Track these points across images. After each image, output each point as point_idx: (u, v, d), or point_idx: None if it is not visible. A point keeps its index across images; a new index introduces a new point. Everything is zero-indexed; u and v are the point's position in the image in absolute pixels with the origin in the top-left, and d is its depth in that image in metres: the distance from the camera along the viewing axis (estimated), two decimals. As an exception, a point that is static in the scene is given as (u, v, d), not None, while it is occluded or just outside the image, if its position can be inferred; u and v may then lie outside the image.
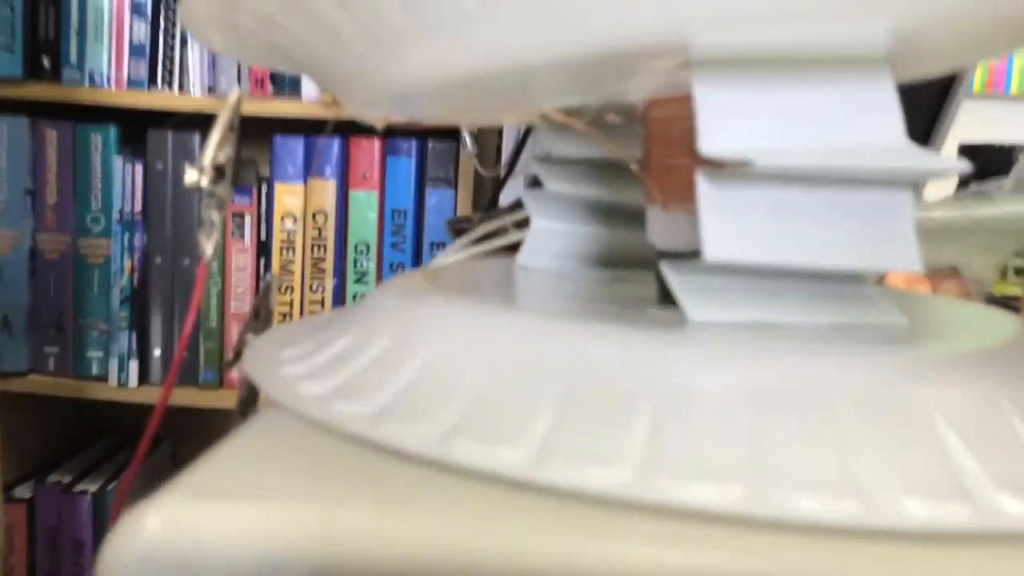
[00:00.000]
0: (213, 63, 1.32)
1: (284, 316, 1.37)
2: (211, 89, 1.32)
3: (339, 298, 1.37)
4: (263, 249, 1.38)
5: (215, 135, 0.31)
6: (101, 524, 1.46)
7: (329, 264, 1.37)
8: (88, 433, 1.62)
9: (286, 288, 1.37)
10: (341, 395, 0.23)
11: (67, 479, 1.47)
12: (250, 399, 0.32)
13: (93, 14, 1.31)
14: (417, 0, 0.22)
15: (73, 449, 1.57)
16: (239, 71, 1.31)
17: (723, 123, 0.22)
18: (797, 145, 0.23)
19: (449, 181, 1.34)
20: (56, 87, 1.32)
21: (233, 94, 0.33)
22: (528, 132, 0.89)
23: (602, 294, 0.31)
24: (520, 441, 0.20)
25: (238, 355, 0.35)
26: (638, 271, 0.34)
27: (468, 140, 1.10)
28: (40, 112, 1.34)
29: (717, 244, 0.22)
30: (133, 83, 1.33)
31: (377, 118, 0.31)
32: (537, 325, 0.23)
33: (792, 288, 0.24)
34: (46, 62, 1.32)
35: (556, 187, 0.34)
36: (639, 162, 0.29)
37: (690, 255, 0.29)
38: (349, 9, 0.24)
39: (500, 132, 1.31)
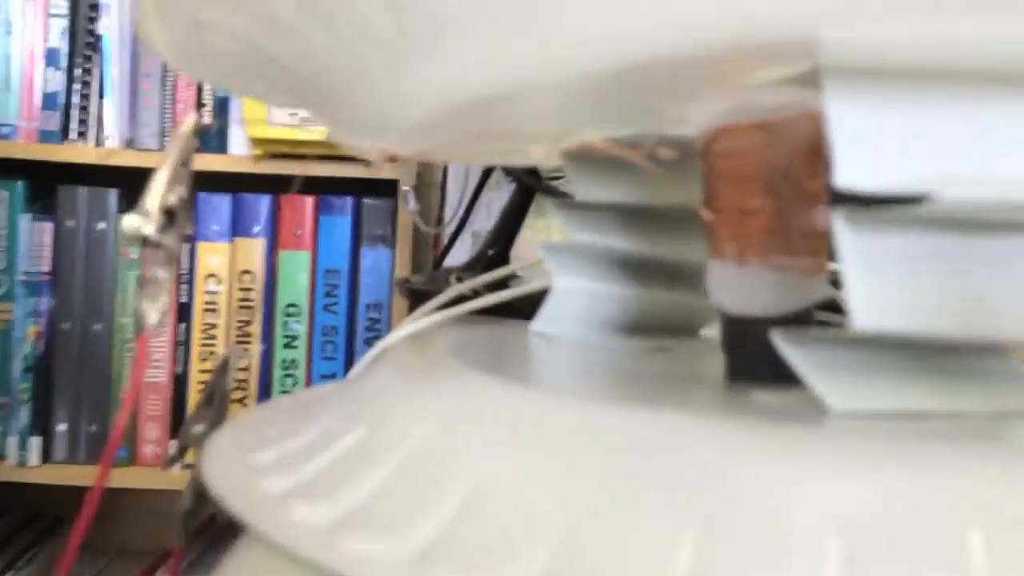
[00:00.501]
0: (133, 114, 1.24)
1: (206, 385, 1.27)
2: (130, 142, 1.24)
3: (266, 365, 1.28)
4: (184, 312, 1.28)
5: (164, 171, 0.25)
6: (-6, 619, 1.31)
7: (256, 328, 1.28)
8: (-18, 517, 1.47)
9: (209, 354, 1.27)
10: (353, 524, 0.17)
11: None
12: (197, 510, 0.25)
13: (2, 62, 1.22)
14: (406, 9, 0.17)
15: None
16: (162, 121, 1.23)
17: (866, 149, 0.17)
18: (953, 178, 0.17)
19: (387, 240, 1.27)
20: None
21: (188, 121, 0.26)
22: (480, 186, 0.84)
23: (647, 368, 0.25)
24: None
25: (183, 451, 0.27)
26: (679, 339, 0.29)
27: (410, 196, 1.04)
28: (-63, 166, 1.23)
29: (869, 310, 0.17)
30: (44, 135, 1.23)
31: (373, 150, 0.25)
32: (583, 408, 0.18)
33: (940, 365, 0.19)
34: (-54, 111, 1.22)
35: (583, 238, 0.28)
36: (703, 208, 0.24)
37: (791, 321, 0.23)
38: (322, 17, 0.18)
39: (443, 187, 1.25)
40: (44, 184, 1.28)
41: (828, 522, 0.14)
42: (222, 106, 1.24)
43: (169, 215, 0.25)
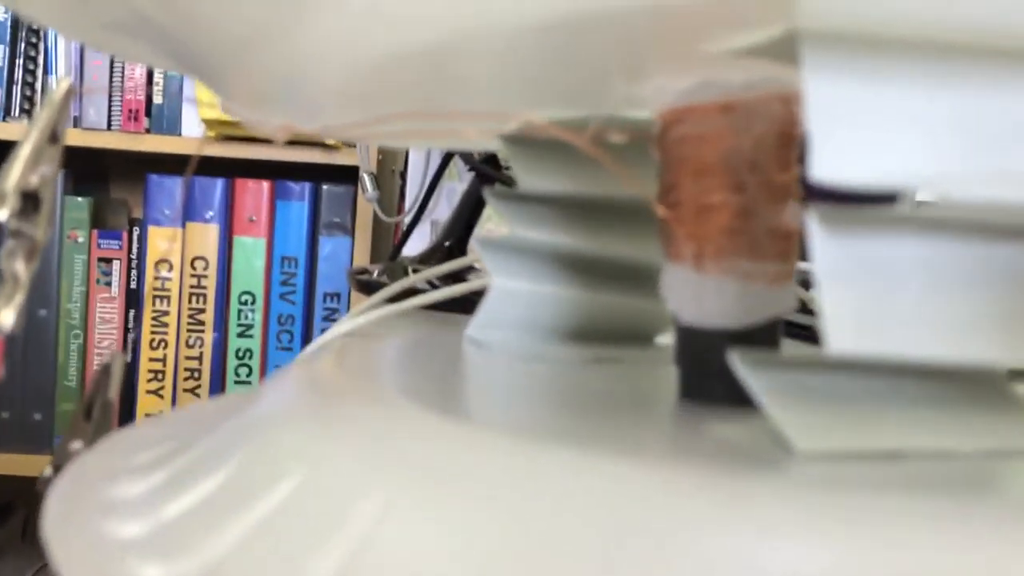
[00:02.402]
0: (79, 93, 1.19)
1: (155, 374, 1.23)
2: (76, 121, 1.18)
3: (219, 353, 1.24)
4: (132, 298, 1.23)
5: (27, 146, 0.21)
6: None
7: (209, 316, 1.23)
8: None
9: (159, 343, 1.22)
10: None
11: None
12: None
13: (-61, 32, 1.16)
14: None
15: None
16: (110, 104, 1.18)
17: (851, 135, 0.14)
18: (957, 172, 0.14)
19: (345, 228, 1.23)
20: None
21: (61, 85, 0.22)
22: (439, 174, 0.80)
23: (586, 387, 0.22)
24: None
25: (57, 470, 0.24)
26: (630, 348, 0.26)
27: (369, 183, 1.00)
28: None
29: (846, 330, 0.14)
30: (-15, 112, 1.17)
31: (277, 127, 0.21)
32: (515, 449, 0.14)
33: (925, 394, 0.16)
34: None
35: (524, 233, 0.25)
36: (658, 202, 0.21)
37: (754, 336, 0.20)
38: None
39: (403, 175, 1.21)
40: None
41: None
42: (174, 84, 1.19)
43: (30, 198, 0.21)
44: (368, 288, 0.63)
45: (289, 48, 0.17)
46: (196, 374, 1.23)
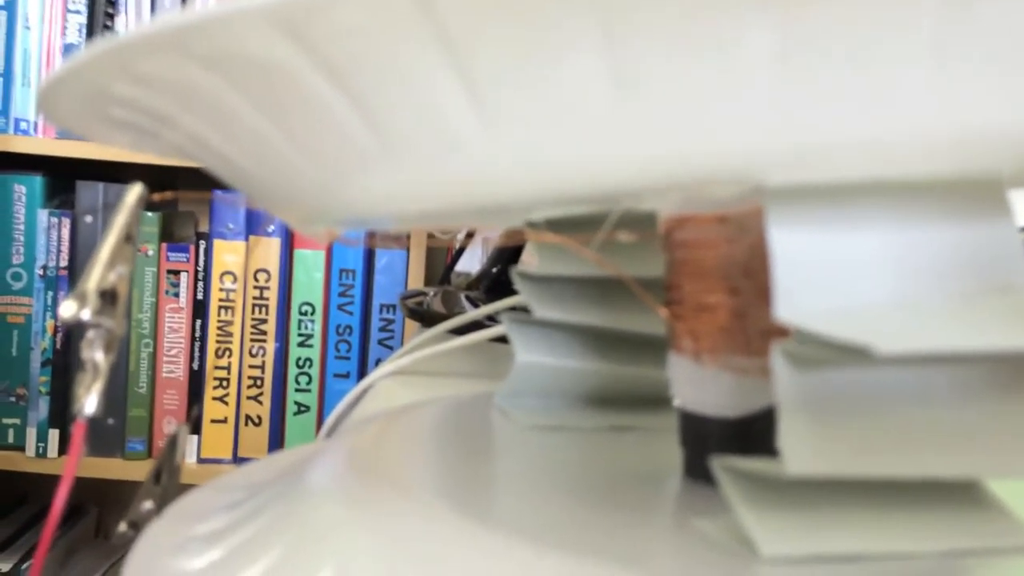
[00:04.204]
0: (149, 112, 1.24)
1: (221, 381, 1.28)
2: (147, 139, 1.24)
3: (281, 362, 1.28)
4: (199, 309, 1.28)
5: (106, 248, 0.24)
6: (14, 607, 1.34)
7: (271, 326, 1.28)
8: (2, 505, 1.49)
9: (224, 351, 1.28)
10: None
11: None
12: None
13: (20, 57, 1.22)
14: (384, 120, 0.15)
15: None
16: (178, 121, 1.23)
17: (811, 276, 0.16)
18: (909, 301, 0.16)
19: (401, 242, 1.27)
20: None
21: (134, 191, 0.25)
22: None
23: (603, 462, 0.24)
24: None
25: (134, 526, 0.27)
26: (649, 413, 0.28)
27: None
28: (-42, 160, 1.25)
29: (803, 454, 0.16)
30: (63, 131, 1.23)
31: (321, 234, 0.24)
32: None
33: (894, 496, 0.17)
34: (-34, 107, 1.23)
35: (546, 313, 0.27)
36: (664, 298, 0.23)
37: (747, 425, 0.22)
38: (291, 124, 0.17)
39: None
40: (62, 179, 1.29)
41: None
42: (238, 104, 1.23)
43: (109, 295, 0.24)
44: (418, 316, 0.65)
45: (337, 200, 0.20)
46: (259, 382, 1.28)
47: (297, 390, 1.29)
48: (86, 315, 0.23)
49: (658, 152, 0.13)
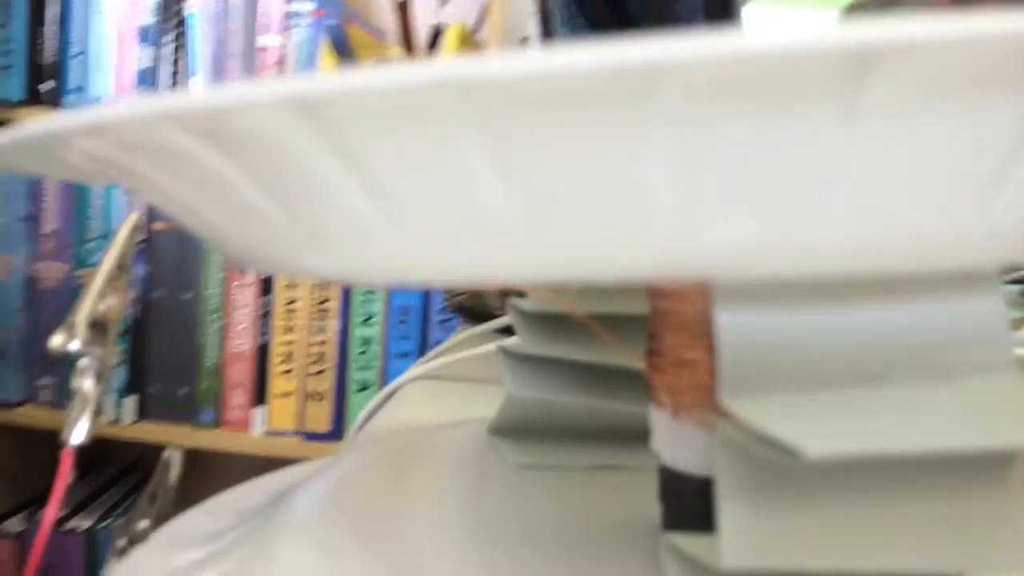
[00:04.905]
0: (220, 91, 1.26)
1: (286, 357, 1.31)
2: (217, 118, 1.26)
3: (344, 341, 1.31)
4: (267, 286, 1.31)
5: (98, 279, 0.24)
6: (92, 564, 1.40)
7: (335, 305, 1.30)
8: (82, 467, 1.56)
9: (289, 328, 1.30)
10: None
11: (59, 515, 1.41)
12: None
13: (96, 39, 1.26)
14: (303, 214, 0.15)
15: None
16: (247, 101, 1.25)
17: (759, 361, 0.15)
18: (861, 391, 0.15)
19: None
20: (57, 112, 1.27)
21: (128, 221, 0.26)
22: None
23: (583, 513, 0.23)
24: None
25: (131, 542, 0.27)
26: (632, 451, 0.27)
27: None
28: (41, 137, 1.29)
29: (739, 547, 0.15)
30: (137, 109, 1.27)
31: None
32: None
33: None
34: (47, 87, 1.27)
35: (536, 350, 0.27)
36: (646, 353, 0.22)
37: (709, 490, 0.21)
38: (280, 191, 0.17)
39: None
40: (139, 156, 1.33)
41: None
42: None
43: (99, 326, 0.24)
44: (463, 313, 0.66)
45: (313, 264, 0.19)
46: (322, 358, 1.31)
47: (358, 368, 1.31)
48: (74, 346, 0.24)
49: (561, 255, 0.12)
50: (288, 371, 1.32)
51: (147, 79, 1.26)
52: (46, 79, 1.27)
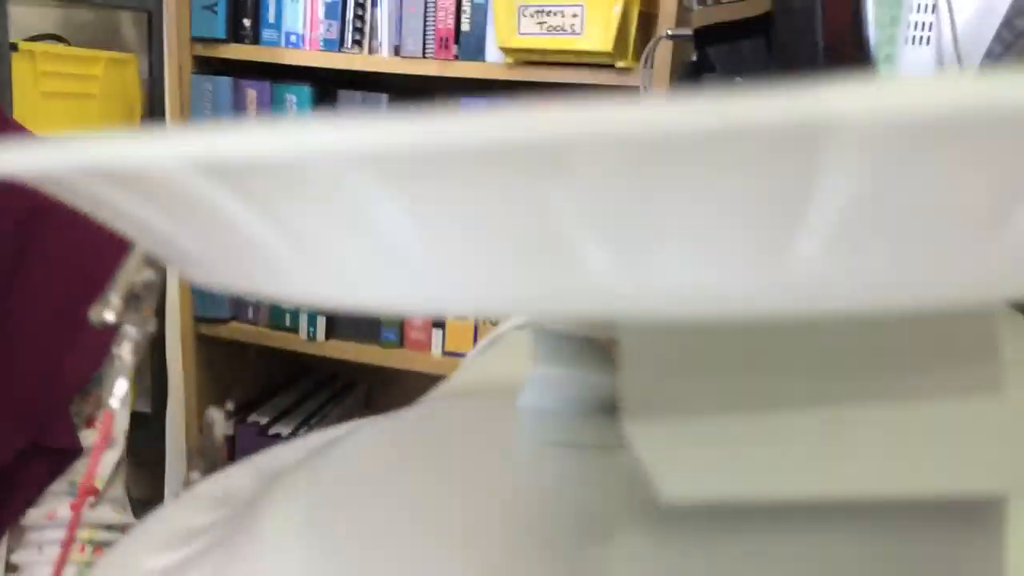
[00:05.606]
0: (400, 25, 1.29)
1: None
2: (397, 50, 1.30)
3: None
4: (444, 214, 1.35)
5: (134, 256, 0.26)
6: (292, 465, 1.53)
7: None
8: (283, 379, 1.70)
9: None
10: None
11: (264, 420, 1.55)
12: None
13: (290, -26, 1.32)
14: (223, 250, 0.15)
15: (270, 392, 1.66)
16: (424, 31, 1.28)
17: (661, 391, 0.14)
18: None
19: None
20: (255, 48, 1.35)
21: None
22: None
23: (595, 494, 0.23)
24: None
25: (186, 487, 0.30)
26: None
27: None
28: (241, 72, 1.38)
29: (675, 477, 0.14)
30: (325, 44, 1.32)
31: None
32: None
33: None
34: (247, 23, 1.35)
35: (561, 327, 0.26)
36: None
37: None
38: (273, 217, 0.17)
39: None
40: (326, 89, 1.39)
41: None
42: (481, 14, 1.25)
43: (133, 299, 0.26)
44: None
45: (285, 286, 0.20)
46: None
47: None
48: (110, 319, 0.25)
49: (474, 295, 0.12)
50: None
51: (334, 13, 1.31)
52: (246, 17, 1.35)
